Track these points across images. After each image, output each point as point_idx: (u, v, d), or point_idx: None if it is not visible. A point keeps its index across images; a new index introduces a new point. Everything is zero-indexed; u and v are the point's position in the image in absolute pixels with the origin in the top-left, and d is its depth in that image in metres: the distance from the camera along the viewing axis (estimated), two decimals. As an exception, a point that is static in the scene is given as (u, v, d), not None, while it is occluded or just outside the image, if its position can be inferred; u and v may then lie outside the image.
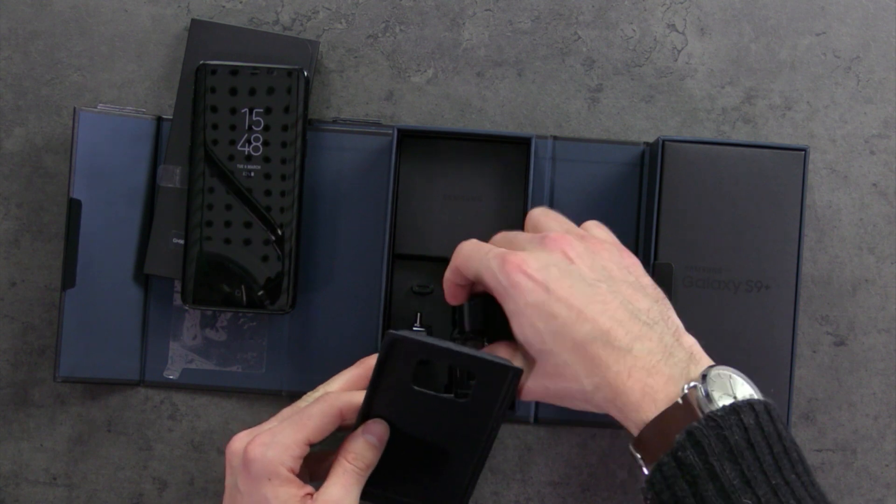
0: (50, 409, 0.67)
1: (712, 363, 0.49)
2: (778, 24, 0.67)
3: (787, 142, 0.67)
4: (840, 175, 0.67)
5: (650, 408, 0.48)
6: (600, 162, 0.66)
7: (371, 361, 0.56)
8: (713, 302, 0.61)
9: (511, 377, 0.52)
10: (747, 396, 0.47)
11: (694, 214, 0.61)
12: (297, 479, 0.52)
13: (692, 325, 0.61)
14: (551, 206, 0.65)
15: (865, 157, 0.67)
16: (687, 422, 0.46)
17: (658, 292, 0.53)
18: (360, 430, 0.53)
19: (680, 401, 0.47)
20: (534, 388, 0.53)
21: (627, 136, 0.67)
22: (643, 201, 0.65)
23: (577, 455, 0.67)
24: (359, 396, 0.54)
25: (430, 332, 0.65)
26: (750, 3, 0.67)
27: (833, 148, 0.67)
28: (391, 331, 0.51)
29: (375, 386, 0.52)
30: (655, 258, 0.61)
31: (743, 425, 0.46)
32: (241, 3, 0.67)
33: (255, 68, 0.63)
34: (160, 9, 0.67)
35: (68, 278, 0.63)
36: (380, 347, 0.52)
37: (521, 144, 0.65)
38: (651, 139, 0.66)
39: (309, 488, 0.52)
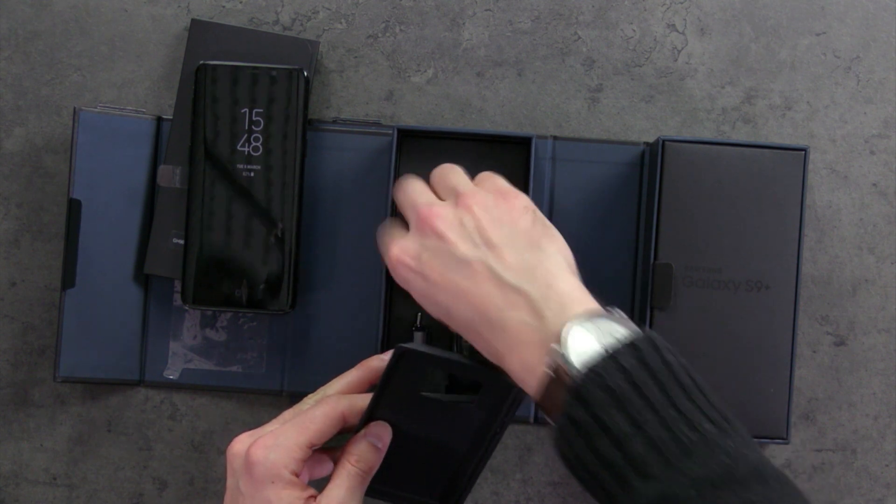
0: (50, 409, 0.67)
1: (586, 309, 0.47)
2: (778, 24, 0.67)
3: (787, 142, 0.67)
4: (840, 175, 0.67)
5: (533, 381, 0.47)
6: (600, 162, 0.66)
7: (372, 363, 0.56)
8: (713, 302, 0.61)
9: (515, 393, 0.52)
10: (625, 336, 0.46)
11: (694, 214, 0.61)
12: (300, 482, 0.51)
13: (692, 325, 0.61)
14: (551, 206, 0.65)
15: (865, 157, 0.67)
16: (569, 381, 0.45)
17: (535, 231, 0.51)
18: (363, 432, 0.53)
19: (550, 372, 0.46)
20: None
21: (627, 136, 0.67)
22: (643, 201, 0.65)
23: (577, 455, 0.67)
24: (361, 400, 0.54)
25: (429, 333, 0.65)
26: (750, 3, 0.67)
27: (833, 148, 0.67)
28: (400, 344, 0.51)
29: (381, 394, 0.52)
30: (655, 258, 0.61)
31: (624, 368, 0.44)
32: (240, 3, 0.67)
33: (255, 68, 0.63)
34: (160, 9, 0.67)
35: (68, 278, 0.63)
36: (389, 360, 0.52)
37: (521, 144, 0.65)
38: (651, 139, 0.66)
39: (312, 491, 0.52)
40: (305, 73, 0.63)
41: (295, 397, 0.66)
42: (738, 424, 0.45)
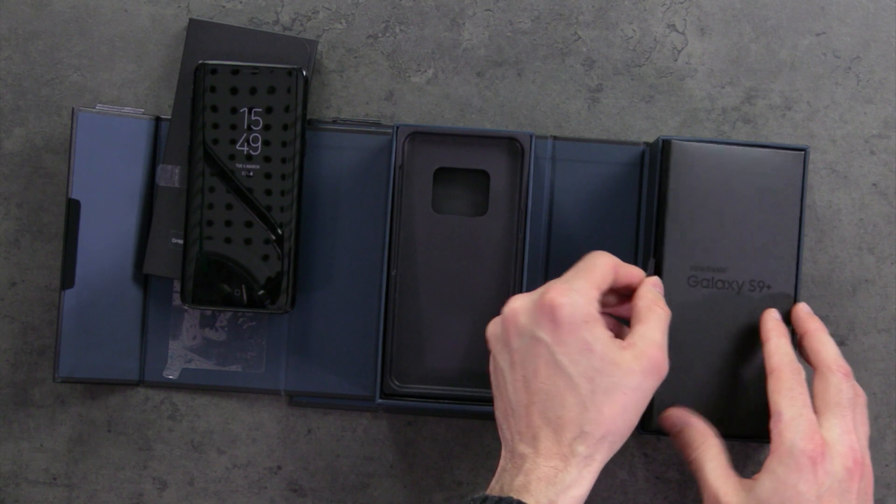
0: (50, 409, 0.67)
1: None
2: (778, 24, 0.67)
3: (787, 142, 0.67)
4: (840, 175, 0.67)
5: None
6: (600, 162, 0.66)
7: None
8: (715, 302, 0.61)
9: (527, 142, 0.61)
10: None
11: (699, 214, 0.61)
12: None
13: (693, 325, 0.61)
14: (551, 206, 0.65)
15: (865, 157, 0.67)
16: None
17: None
18: (650, 284, 0.57)
19: None
20: None
21: (627, 136, 0.67)
22: (643, 201, 0.65)
23: (577, 455, 0.67)
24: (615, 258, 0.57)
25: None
26: (750, 3, 0.67)
27: (833, 148, 0.67)
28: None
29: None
30: (655, 258, 0.61)
31: None
32: (240, 3, 0.67)
33: (254, 68, 0.63)
34: (160, 9, 0.67)
35: (67, 278, 0.63)
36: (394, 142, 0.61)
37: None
38: (651, 139, 0.66)
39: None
40: (304, 73, 0.63)
41: (294, 397, 0.66)
42: None
